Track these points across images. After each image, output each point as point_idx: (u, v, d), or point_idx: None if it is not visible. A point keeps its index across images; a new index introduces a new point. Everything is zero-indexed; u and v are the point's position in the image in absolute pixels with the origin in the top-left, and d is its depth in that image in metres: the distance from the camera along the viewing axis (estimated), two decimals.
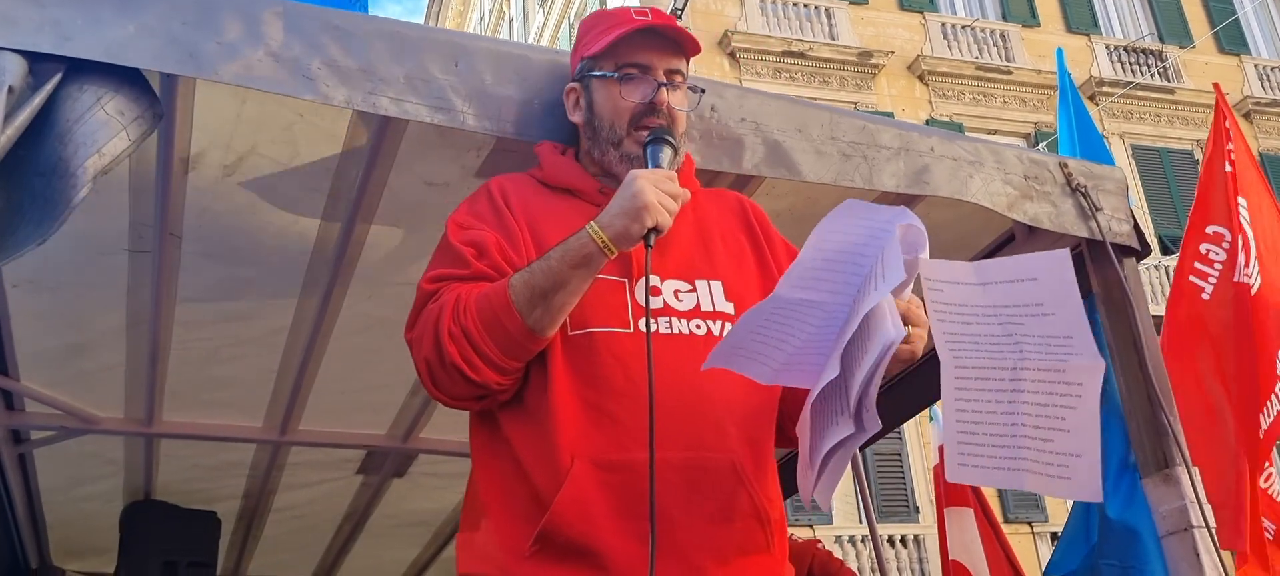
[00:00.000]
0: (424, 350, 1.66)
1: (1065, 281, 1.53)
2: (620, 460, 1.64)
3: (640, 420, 1.61)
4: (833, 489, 1.63)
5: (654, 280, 1.76)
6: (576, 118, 1.93)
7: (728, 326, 1.77)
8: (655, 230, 1.64)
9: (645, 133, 1.82)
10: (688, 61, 1.93)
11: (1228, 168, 3.95)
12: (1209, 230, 4.03)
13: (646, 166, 1.76)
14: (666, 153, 1.78)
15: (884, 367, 1.47)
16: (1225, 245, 3.98)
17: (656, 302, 1.75)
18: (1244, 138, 4.12)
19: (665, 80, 1.87)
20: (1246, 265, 3.86)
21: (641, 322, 1.71)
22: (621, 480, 1.63)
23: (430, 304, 1.69)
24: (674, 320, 1.74)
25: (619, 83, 1.86)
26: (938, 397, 3.36)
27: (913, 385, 3.03)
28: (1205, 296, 3.95)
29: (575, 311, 1.70)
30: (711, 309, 1.78)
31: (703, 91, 2.03)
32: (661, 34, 1.88)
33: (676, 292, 1.77)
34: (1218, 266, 3.95)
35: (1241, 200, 3.93)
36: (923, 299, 1.66)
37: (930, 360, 1.73)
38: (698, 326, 1.75)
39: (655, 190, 1.65)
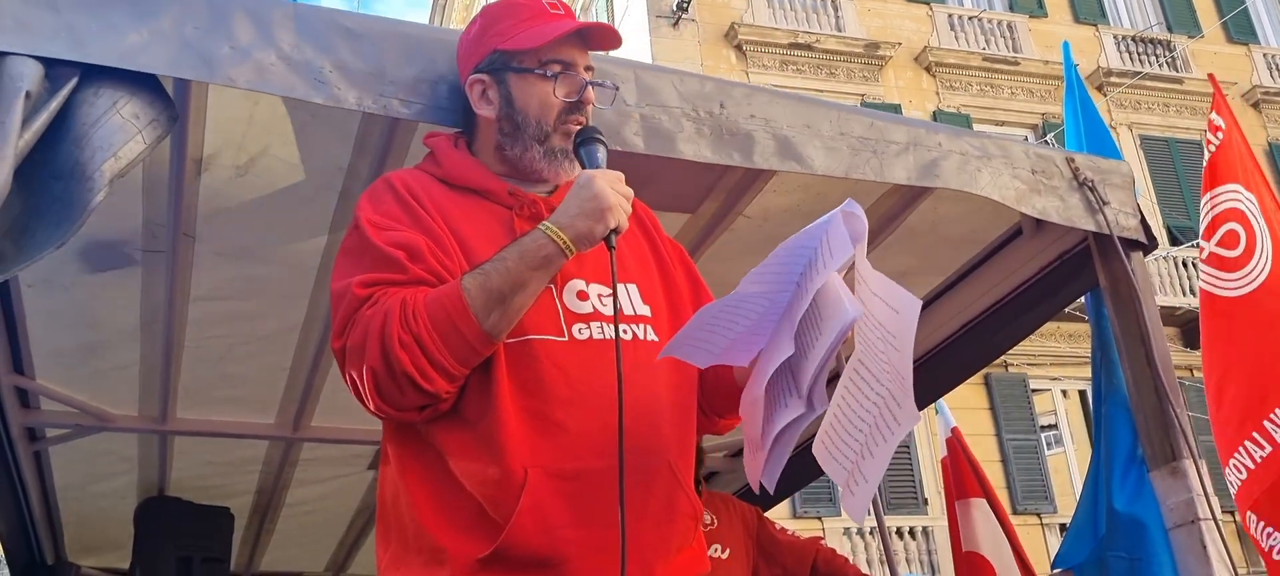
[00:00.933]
0: (369, 360, 1.56)
1: (911, 326, 1.55)
2: (573, 469, 1.62)
3: (586, 428, 1.61)
4: (778, 471, 1.65)
5: (579, 284, 1.73)
6: (486, 111, 1.83)
7: (649, 329, 1.77)
8: (616, 230, 1.64)
9: (570, 129, 1.79)
10: (589, 53, 1.89)
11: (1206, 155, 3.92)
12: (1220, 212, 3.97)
13: (583, 166, 1.73)
14: (602, 153, 1.75)
15: (838, 346, 1.51)
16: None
17: (585, 307, 1.71)
18: (1239, 129, 4.07)
19: (586, 78, 1.84)
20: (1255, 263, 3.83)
21: (576, 329, 1.68)
22: (576, 488, 1.61)
23: (365, 309, 1.59)
24: (604, 325, 1.71)
25: (549, 79, 1.79)
26: (941, 392, 3.37)
27: (917, 380, 3.04)
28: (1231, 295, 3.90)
29: None
30: (633, 312, 1.77)
31: (618, 88, 1.99)
32: (588, 34, 1.84)
33: (601, 297, 1.74)
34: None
35: (1240, 188, 3.89)
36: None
37: (929, 360, 1.76)
38: (625, 331, 1.72)
39: (613, 191, 1.64)
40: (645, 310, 1.79)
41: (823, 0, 17.67)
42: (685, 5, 16.38)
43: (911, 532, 14.67)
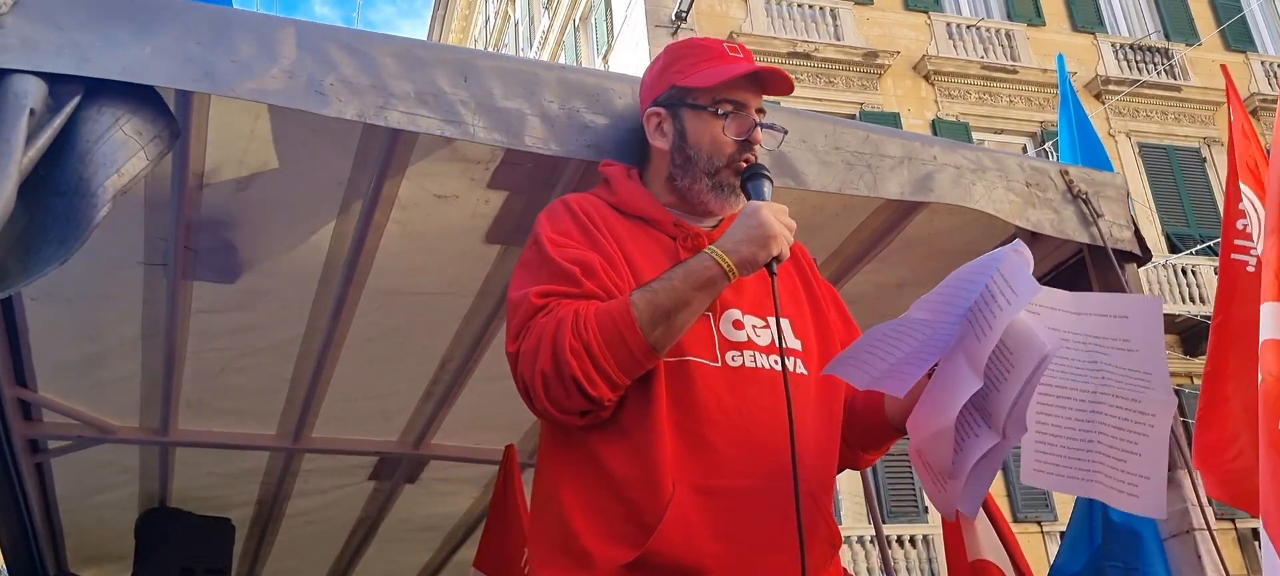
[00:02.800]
0: (540, 363, 1.66)
1: (1153, 325, 1.69)
2: (718, 486, 1.70)
3: (734, 449, 1.71)
4: (981, 499, 1.73)
5: (735, 314, 1.82)
6: (660, 143, 1.95)
7: (799, 363, 1.86)
8: (778, 259, 1.73)
9: (743, 165, 1.89)
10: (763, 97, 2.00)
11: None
12: (1240, 205, 4.03)
13: (749, 199, 1.83)
14: (769, 187, 1.85)
15: (1038, 380, 1.59)
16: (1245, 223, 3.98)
17: (740, 336, 1.81)
18: (1252, 126, 4.11)
19: (757, 119, 1.93)
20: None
21: (729, 356, 1.78)
22: (718, 505, 1.69)
23: (540, 317, 1.70)
24: (758, 354, 1.80)
25: (721, 117, 1.90)
26: None
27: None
28: (1249, 269, 3.95)
29: None
30: (785, 346, 1.84)
31: (785, 131, 2.09)
32: (763, 78, 1.94)
33: (755, 327, 1.83)
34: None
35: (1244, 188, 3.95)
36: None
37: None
38: (776, 361, 1.81)
39: (778, 222, 1.74)
40: (796, 344, 1.88)
41: (821, 9, 17.72)
42: (684, 14, 16.42)
43: (912, 541, 14.67)
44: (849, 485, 14.45)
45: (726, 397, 1.74)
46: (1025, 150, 17.27)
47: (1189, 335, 16.49)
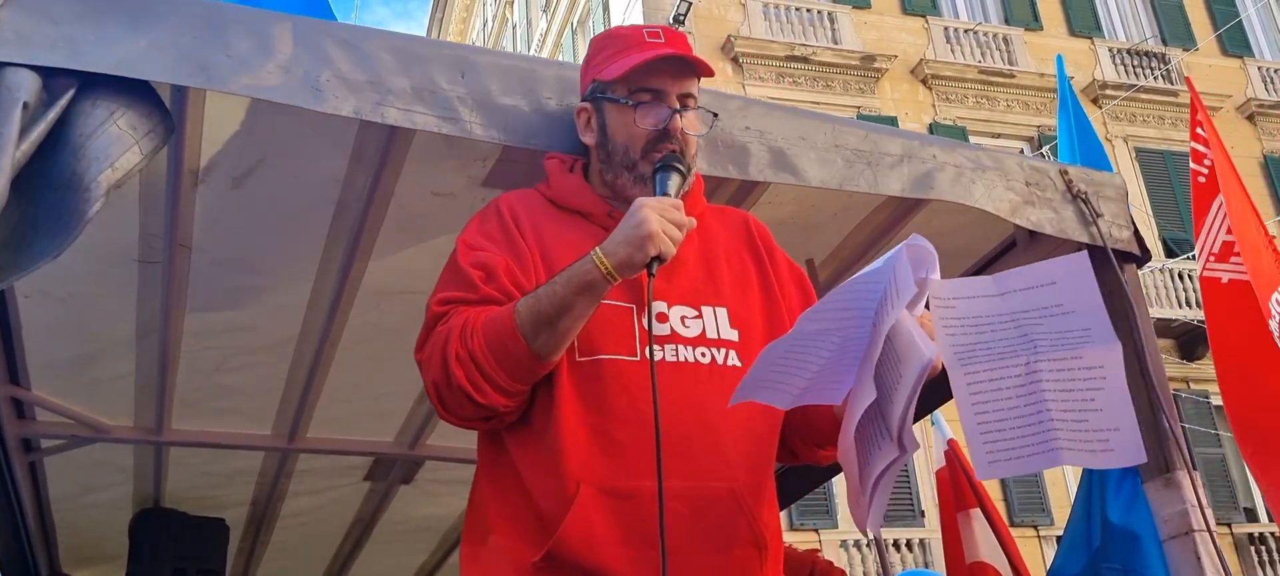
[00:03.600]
0: (432, 372, 1.68)
1: (1084, 281, 1.63)
2: (626, 488, 1.66)
3: (646, 449, 1.63)
4: (883, 511, 1.67)
5: (660, 306, 1.77)
6: (588, 139, 1.93)
7: (732, 354, 1.79)
8: (658, 259, 1.65)
9: (658, 156, 1.83)
10: (698, 82, 1.93)
11: (1201, 178, 4.03)
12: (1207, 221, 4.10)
13: (654, 193, 1.77)
14: (674, 180, 1.79)
15: (919, 388, 1.52)
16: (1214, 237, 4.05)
17: (663, 329, 1.76)
18: (1217, 135, 4.17)
19: (678, 105, 1.87)
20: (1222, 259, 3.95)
21: (649, 349, 1.71)
22: (627, 508, 1.65)
23: (439, 326, 1.71)
24: (680, 347, 1.75)
25: (633, 109, 1.85)
26: (938, 404, 3.38)
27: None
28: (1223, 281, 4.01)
29: (583, 336, 1.71)
30: (717, 336, 1.80)
31: (716, 115, 2.02)
32: (674, 59, 1.88)
33: (683, 319, 1.78)
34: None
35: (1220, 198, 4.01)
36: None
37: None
38: (703, 354, 1.76)
39: (659, 219, 1.65)
40: (732, 335, 1.81)
41: (819, 13, 17.73)
42: (682, 17, 16.42)
43: (908, 545, 14.67)
44: (845, 488, 14.43)
45: (641, 395, 1.67)
46: (1022, 154, 17.26)
47: (1185, 340, 16.50)
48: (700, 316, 1.79)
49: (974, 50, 18.46)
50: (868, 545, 14.34)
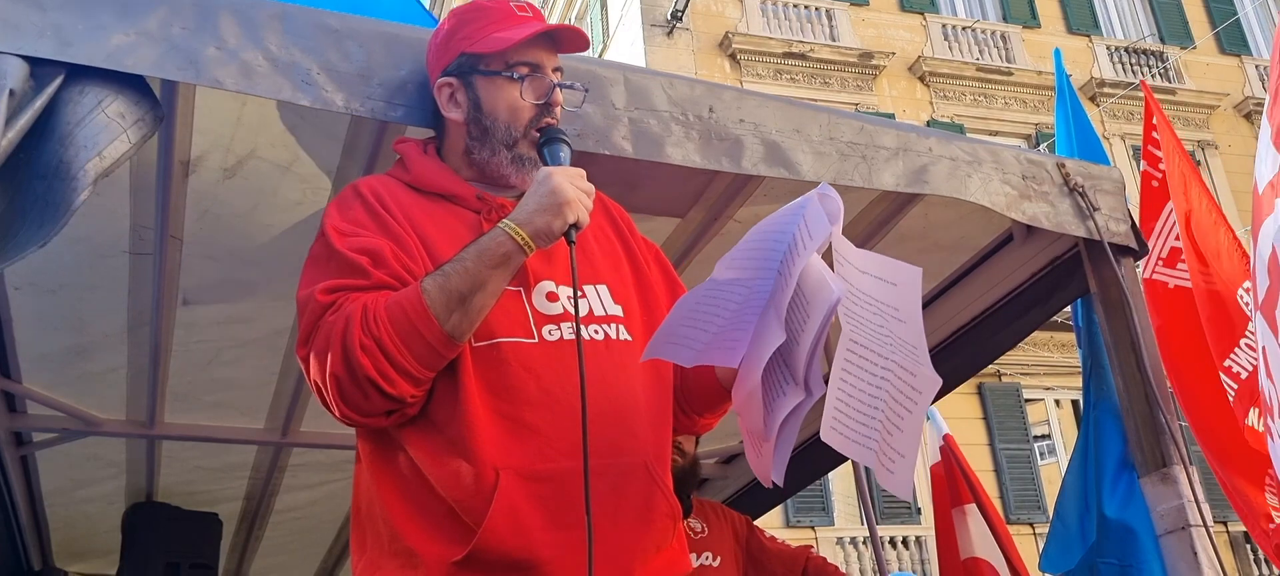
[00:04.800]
0: (332, 366, 1.55)
1: (915, 295, 1.59)
2: (546, 470, 1.61)
3: (560, 429, 1.61)
4: (785, 462, 1.65)
5: (548, 286, 1.73)
6: (454, 114, 1.83)
7: (621, 328, 1.77)
8: (576, 226, 1.63)
9: (538, 132, 1.79)
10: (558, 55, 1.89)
11: (1155, 182, 4.10)
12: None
13: (546, 165, 1.72)
14: (566, 151, 1.75)
15: (827, 328, 1.51)
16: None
17: (555, 309, 1.71)
18: (1174, 135, 4.22)
19: (555, 80, 1.83)
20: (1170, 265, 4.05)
21: (546, 331, 1.68)
22: (549, 490, 1.61)
23: (328, 315, 1.59)
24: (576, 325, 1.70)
25: (518, 82, 1.79)
26: (933, 400, 3.35)
27: None
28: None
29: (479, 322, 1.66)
30: (604, 313, 1.77)
31: (587, 90, 1.97)
32: (557, 36, 1.83)
33: (570, 298, 1.71)
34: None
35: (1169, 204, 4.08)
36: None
37: None
38: (596, 332, 1.73)
39: (572, 186, 1.63)
40: (617, 310, 1.79)
41: (817, 10, 17.71)
42: (680, 14, 16.40)
43: (904, 542, 14.66)
44: (842, 486, 14.45)
45: (546, 376, 1.64)
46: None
47: None
48: (584, 295, 1.75)
49: (972, 48, 18.45)
50: (864, 542, 14.34)
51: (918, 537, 14.67)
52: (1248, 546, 15.93)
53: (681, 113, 2.20)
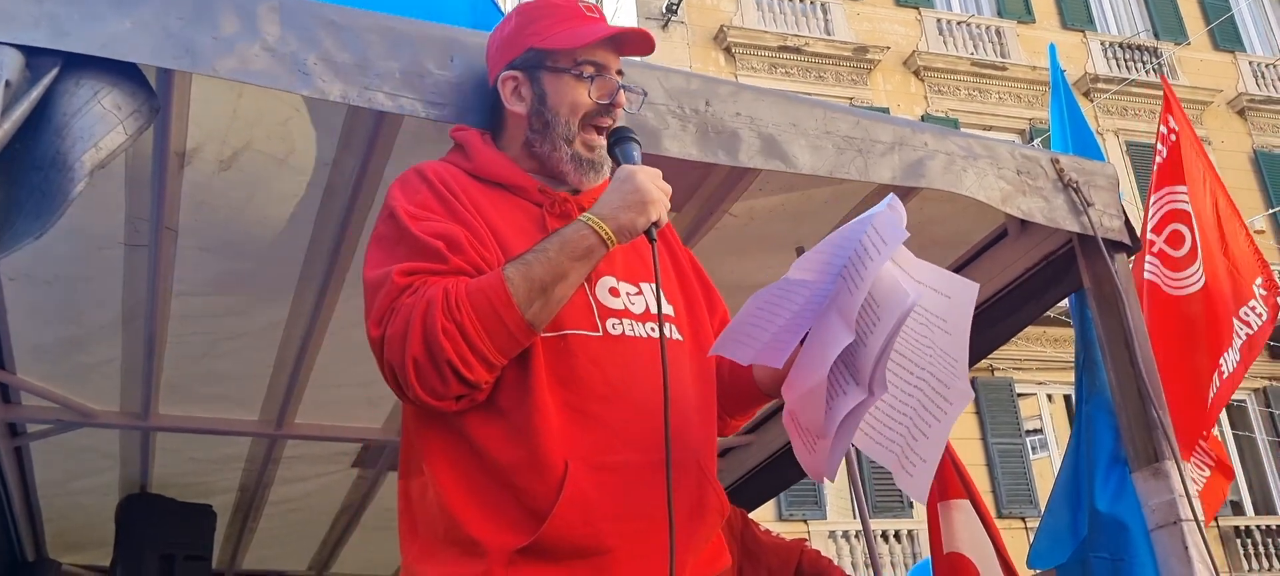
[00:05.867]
0: (411, 348, 1.56)
1: (967, 311, 1.64)
2: (611, 462, 1.64)
3: (624, 422, 1.66)
4: (839, 460, 1.68)
5: (610, 281, 1.76)
6: (517, 107, 1.85)
7: (674, 328, 1.81)
8: (656, 224, 1.67)
9: (594, 132, 1.82)
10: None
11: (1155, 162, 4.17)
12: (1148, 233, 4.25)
13: (618, 165, 1.76)
14: (638, 150, 1.79)
15: (898, 332, 1.55)
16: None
17: (616, 304, 1.75)
18: (1193, 133, 4.26)
19: (619, 81, 1.87)
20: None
21: (610, 324, 1.72)
22: (614, 481, 1.64)
23: (405, 298, 1.59)
24: (635, 323, 1.75)
25: (585, 80, 1.83)
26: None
27: None
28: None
29: None
30: (663, 312, 1.79)
31: (645, 93, 2.00)
32: (623, 39, 1.86)
33: (628, 295, 1.78)
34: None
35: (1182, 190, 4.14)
36: None
37: None
38: (652, 329, 1.76)
39: (653, 185, 1.68)
40: (669, 309, 1.82)
41: (812, 3, 17.71)
42: (674, 7, 16.39)
43: (896, 536, 14.71)
44: (837, 480, 14.47)
45: (610, 369, 1.68)
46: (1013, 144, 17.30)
47: None
48: (640, 293, 1.79)
49: (966, 42, 18.46)
50: (857, 536, 14.38)
51: (909, 531, 14.71)
52: (1238, 541, 16.01)
53: (678, 106, 2.20)
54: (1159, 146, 4.29)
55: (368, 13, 2.00)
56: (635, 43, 1.89)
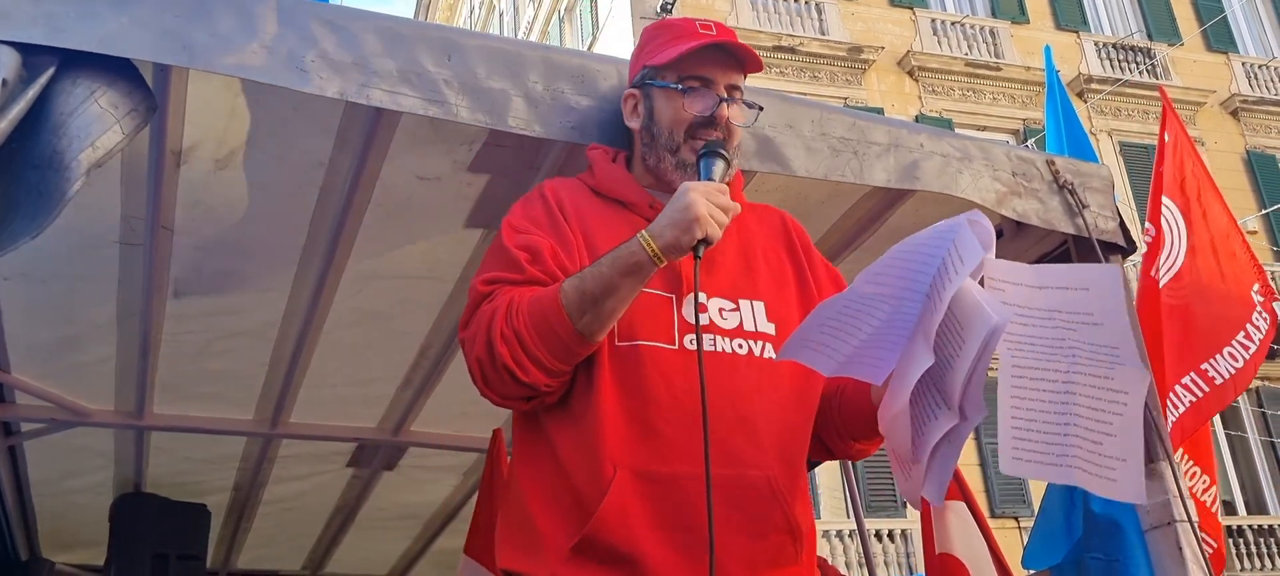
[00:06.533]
0: (477, 350, 1.70)
1: (1115, 294, 1.59)
2: (662, 473, 1.68)
3: (682, 435, 1.68)
4: (943, 484, 1.64)
5: (701, 297, 1.78)
6: (634, 123, 1.96)
7: (768, 347, 1.82)
8: (705, 242, 1.67)
9: (701, 143, 1.86)
10: (745, 76, 1.96)
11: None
12: (1145, 224, 4.28)
13: (699, 177, 1.79)
14: (719, 165, 1.81)
15: (989, 354, 1.51)
16: (1148, 238, 4.23)
17: (702, 320, 1.77)
18: (1189, 140, 4.29)
19: (725, 94, 1.90)
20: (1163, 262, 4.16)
21: (687, 339, 1.75)
22: (662, 492, 1.67)
23: (484, 305, 1.73)
24: (718, 338, 1.77)
25: (682, 94, 1.88)
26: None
27: None
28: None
29: (624, 323, 1.73)
30: (754, 329, 1.82)
31: (762, 108, 2.05)
32: (726, 50, 1.91)
33: (721, 311, 1.80)
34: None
35: (1168, 201, 4.17)
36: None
37: None
38: (740, 346, 1.78)
39: (706, 202, 1.67)
40: (769, 328, 1.84)
41: (807, 3, 17.73)
42: (669, 7, 16.39)
43: (890, 535, 14.73)
44: (828, 480, 14.49)
45: (678, 382, 1.72)
46: (1008, 145, 17.34)
47: None
48: (737, 309, 1.82)
49: (961, 43, 18.49)
50: (851, 535, 14.39)
51: (903, 531, 14.73)
52: (1230, 540, 16.05)
53: None
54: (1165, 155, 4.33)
55: (365, 12, 2.01)
56: (746, 58, 1.92)
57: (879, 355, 1.64)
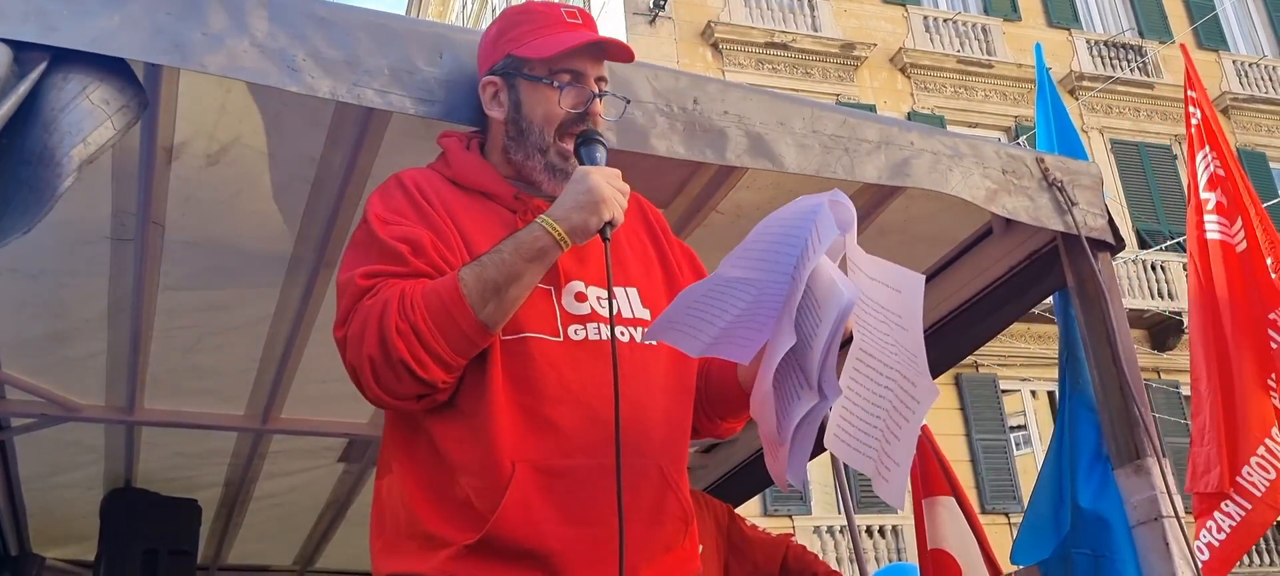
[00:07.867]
0: (367, 348, 1.60)
1: (916, 301, 1.59)
2: (562, 466, 1.66)
3: (579, 427, 1.66)
4: (804, 466, 1.66)
5: (578, 286, 1.76)
6: (496, 113, 1.87)
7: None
8: (611, 224, 1.66)
9: (569, 141, 1.82)
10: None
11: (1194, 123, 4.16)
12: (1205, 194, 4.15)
13: (582, 165, 1.75)
14: (601, 153, 1.79)
15: (841, 332, 1.52)
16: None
17: (583, 309, 1.75)
18: (1219, 127, 4.23)
19: (596, 89, 1.86)
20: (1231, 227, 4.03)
21: (572, 330, 1.72)
22: (564, 485, 1.65)
23: (366, 299, 1.63)
24: (601, 326, 1.74)
25: (556, 89, 1.82)
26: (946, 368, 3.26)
27: None
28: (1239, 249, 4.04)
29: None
30: (631, 315, 1.80)
31: (629, 101, 2.01)
32: (603, 46, 1.86)
33: (599, 299, 1.77)
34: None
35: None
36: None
37: None
38: (621, 333, 1.75)
39: (608, 185, 1.67)
40: (644, 314, 1.82)
41: (799, 0, 17.72)
42: (662, 3, 16.38)
43: (881, 531, 14.76)
44: (819, 475, 14.51)
45: (568, 373, 1.69)
46: (999, 143, 17.37)
47: (1157, 331, 16.66)
48: (614, 297, 1.77)
49: (953, 39, 18.51)
50: (841, 531, 14.43)
51: (894, 527, 14.76)
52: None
53: (666, 104, 2.21)
54: (1191, 110, 4.23)
55: (356, 9, 2.01)
56: (614, 51, 1.88)
57: (746, 335, 1.65)
